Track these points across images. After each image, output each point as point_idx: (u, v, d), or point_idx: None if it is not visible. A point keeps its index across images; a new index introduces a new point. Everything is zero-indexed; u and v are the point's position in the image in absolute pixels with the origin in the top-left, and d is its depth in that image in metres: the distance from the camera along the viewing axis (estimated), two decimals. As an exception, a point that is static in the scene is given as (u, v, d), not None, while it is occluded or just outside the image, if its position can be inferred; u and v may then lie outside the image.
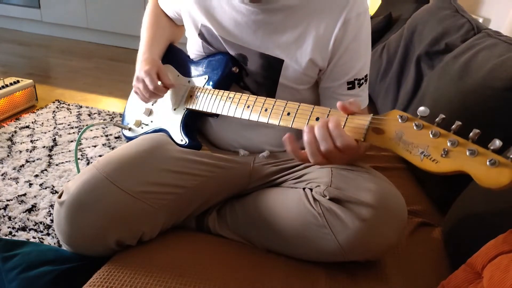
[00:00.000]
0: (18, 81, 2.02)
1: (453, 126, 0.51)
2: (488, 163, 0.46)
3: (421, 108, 0.54)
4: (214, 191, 0.88)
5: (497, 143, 0.47)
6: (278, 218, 0.80)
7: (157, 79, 0.90)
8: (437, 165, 0.50)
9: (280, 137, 0.81)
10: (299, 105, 0.68)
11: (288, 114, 0.69)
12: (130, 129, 1.05)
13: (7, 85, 1.96)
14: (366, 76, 0.87)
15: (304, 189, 0.81)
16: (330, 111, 0.65)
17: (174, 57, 1.04)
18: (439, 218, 0.99)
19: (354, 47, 0.83)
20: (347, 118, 0.62)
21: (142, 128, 1.03)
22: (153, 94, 0.91)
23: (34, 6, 3.30)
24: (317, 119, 0.65)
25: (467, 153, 0.48)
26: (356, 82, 0.86)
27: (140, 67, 0.93)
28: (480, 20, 1.82)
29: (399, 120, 0.56)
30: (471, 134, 0.50)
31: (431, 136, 0.52)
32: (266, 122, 0.72)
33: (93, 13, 3.20)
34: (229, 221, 0.88)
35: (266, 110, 0.72)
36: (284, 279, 0.74)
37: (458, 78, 1.05)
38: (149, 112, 1.03)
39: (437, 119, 0.53)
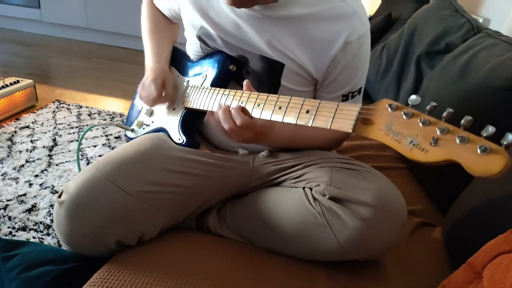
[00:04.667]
0: (18, 81, 2.02)
1: (444, 114, 0.48)
2: (478, 150, 0.43)
3: (412, 97, 0.51)
4: (214, 191, 0.88)
5: (490, 129, 0.44)
6: (278, 218, 0.80)
7: (161, 88, 0.92)
8: (426, 154, 0.47)
9: None
10: (290, 99, 0.68)
11: (280, 108, 0.68)
12: (132, 130, 1.06)
13: (7, 85, 1.96)
14: (360, 88, 0.90)
15: (304, 188, 0.81)
16: (320, 103, 0.63)
17: (175, 58, 1.04)
18: (439, 218, 0.99)
19: (352, 66, 0.84)
20: (336, 109, 0.60)
21: (143, 128, 1.03)
22: (156, 103, 0.94)
23: (34, 6, 3.30)
24: (307, 111, 0.64)
25: (457, 141, 0.45)
26: (350, 95, 0.89)
27: (148, 75, 0.94)
28: (480, 20, 1.82)
29: (389, 109, 0.53)
30: (462, 121, 0.46)
31: (420, 124, 0.49)
32: (259, 117, 0.72)
33: (93, 13, 3.20)
34: (229, 221, 0.88)
35: (259, 105, 0.72)
36: (284, 279, 0.74)
37: (458, 77, 1.05)
38: (150, 113, 1.04)
39: (428, 107, 0.50)
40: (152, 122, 1.02)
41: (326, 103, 0.63)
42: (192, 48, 0.97)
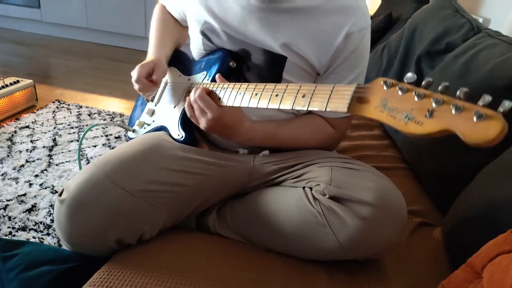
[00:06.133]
0: (18, 81, 2.02)
1: (440, 87, 0.47)
2: (474, 117, 0.42)
3: (409, 74, 0.50)
4: (214, 190, 0.88)
5: (487, 98, 0.43)
6: (278, 217, 0.80)
7: (144, 73, 0.92)
8: (422, 127, 0.46)
9: None
10: (287, 86, 0.68)
11: (277, 95, 0.68)
12: (133, 130, 1.07)
13: (7, 85, 1.96)
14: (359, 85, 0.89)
15: (304, 188, 0.81)
16: (316, 86, 0.63)
17: (178, 59, 1.06)
18: (439, 218, 0.99)
19: (352, 58, 0.86)
20: (332, 90, 0.59)
21: (144, 128, 1.04)
22: (138, 87, 0.93)
23: (34, 6, 3.30)
24: (304, 96, 0.63)
25: (453, 111, 0.44)
26: None
27: None
28: (480, 20, 1.82)
29: (384, 87, 0.52)
30: (458, 92, 0.45)
31: (415, 98, 0.48)
32: (256, 106, 0.72)
33: (93, 13, 3.20)
34: (229, 221, 0.88)
35: (256, 94, 0.72)
36: (284, 279, 0.74)
37: (458, 77, 1.05)
38: (152, 113, 1.04)
39: (423, 83, 0.49)
40: (153, 121, 1.02)
41: (322, 85, 0.62)
42: (195, 46, 0.98)
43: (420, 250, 0.86)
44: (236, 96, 0.76)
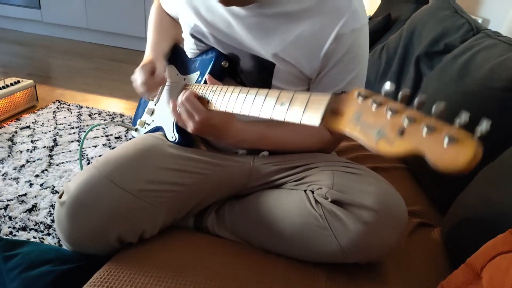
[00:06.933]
0: (18, 82, 2.02)
1: (415, 102, 0.41)
2: (445, 140, 0.37)
3: (386, 84, 0.45)
4: (213, 189, 0.88)
5: (463, 116, 0.38)
6: (279, 219, 0.80)
7: (148, 74, 0.89)
8: (391, 147, 0.41)
9: None
10: (268, 91, 0.64)
11: (260, 100, 0.66)
12: (136, 129, 1.07)
13: (7, 86, 1.96)
14: None
15: (305, 191, 0.81)
16: (294, 93, 0.58)
17: (176, 57, 1.05)
18: (439, 218, 1.00)
19: (346, 60, 0.83)
20: (308, 100, 0.54)
21: (145, 128, 1.04)
22: (145, 89, 0.90)
23: (34, 7, 3.31)
24: (282, 104, 0.58)
25: (424, 131, 0.38)
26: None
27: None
28: (479, 21, 1.82)
29: (358, 99, 0.46)
30: (434, 108, 0.39)
31: (388, 113, 0.42)
32: (239, 112, 0.68)
33: (93, 13, 3.21)
34: (227, 222, 0.88)
35: (243, 100, 0.68)
36: (284, 280, 0.75)
37: (457, 78, 1.05)
38: (151, 112, 1.04)
39: (399, 95, 0.43)
40: (152, 121, 1.03)
41: (300, 93, 0.57)
42: (188, 46, 0.98)
43: (419, 251, 0.86)
44: (223, 100, 0.74)
